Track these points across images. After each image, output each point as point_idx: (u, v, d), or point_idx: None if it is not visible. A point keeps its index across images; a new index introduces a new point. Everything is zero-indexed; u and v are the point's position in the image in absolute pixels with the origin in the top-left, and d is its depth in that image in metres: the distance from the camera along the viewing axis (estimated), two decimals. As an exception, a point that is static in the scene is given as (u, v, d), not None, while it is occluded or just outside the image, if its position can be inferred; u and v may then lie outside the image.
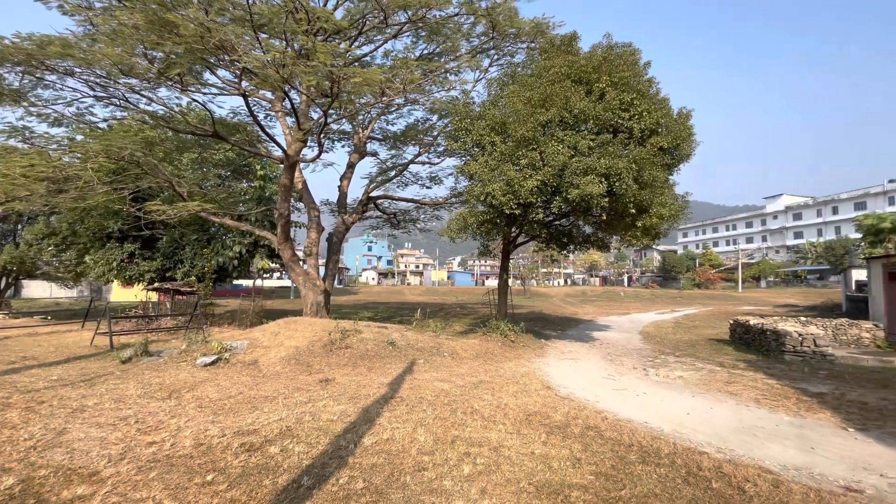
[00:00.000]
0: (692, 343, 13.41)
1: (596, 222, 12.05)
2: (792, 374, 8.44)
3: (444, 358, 9.41)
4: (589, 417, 5.48)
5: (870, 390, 7.20)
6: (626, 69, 10.00)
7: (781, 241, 70.18)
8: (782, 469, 4.01)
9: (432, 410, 5.46)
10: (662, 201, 9.87)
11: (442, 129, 15.27)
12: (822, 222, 64.60)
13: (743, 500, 3.34)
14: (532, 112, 9.90)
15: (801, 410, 6.01)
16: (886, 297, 13.18)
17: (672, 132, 10.13)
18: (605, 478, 3.68)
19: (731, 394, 6.94)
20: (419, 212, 19.15)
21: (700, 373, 8.64)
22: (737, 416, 5.80)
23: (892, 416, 5.69)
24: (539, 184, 9.50)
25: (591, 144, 9.56)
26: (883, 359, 10.11)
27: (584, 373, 8.65)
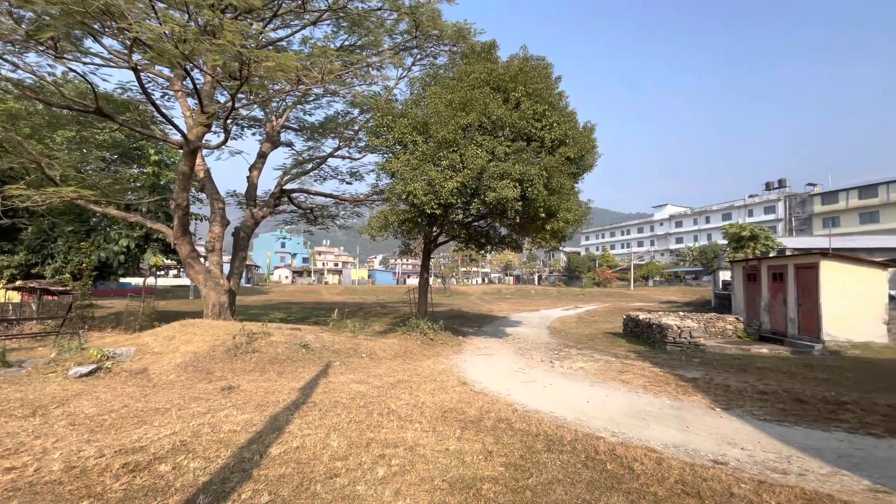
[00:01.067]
0: (592, 336, 14.66)
1: (511, 224, 12.65)
2: (672, 363, 9.61)
3: (361, 359, 9.21)
4: (501, 410, 5.72)
5: (732, 374, 8.46)
6: (539, 81, 10.62)
7: (666, 246, 79.64)
8: (664, 447, 4.55)
9: (347, 414, 5.30)
10: (568, 207, 10.65)
11: (363, 125, 14.93)
12: (698, 230, 74.51)
13: (632, 478, 3.72)
14: (453, 115, 10.08)
15: (679, 394, 6.87)
16: (745, 294, 15.60)
17: (578, 144, 10.97)
18: (515, 468, 3.86)
19: (624, 382, 7.71)
20: (338, 208, 18.53)
21: (598, 363, 9.47)
22: (628, 401, 6.45)
23: (750, 397, 6.73)
24: (459, 185, 9.70)
25: (508, 150, 10.00)
26: (742, 347, 11.94)
27: (497, 367, 9.02)
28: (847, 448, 4.59)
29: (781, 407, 6.15)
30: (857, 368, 8.95)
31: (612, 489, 3.49)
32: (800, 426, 5.35)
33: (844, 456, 4.35)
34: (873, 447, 4.63)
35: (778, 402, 6.36)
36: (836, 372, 8.58)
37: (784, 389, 7.07)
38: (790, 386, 7.37)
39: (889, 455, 4.39)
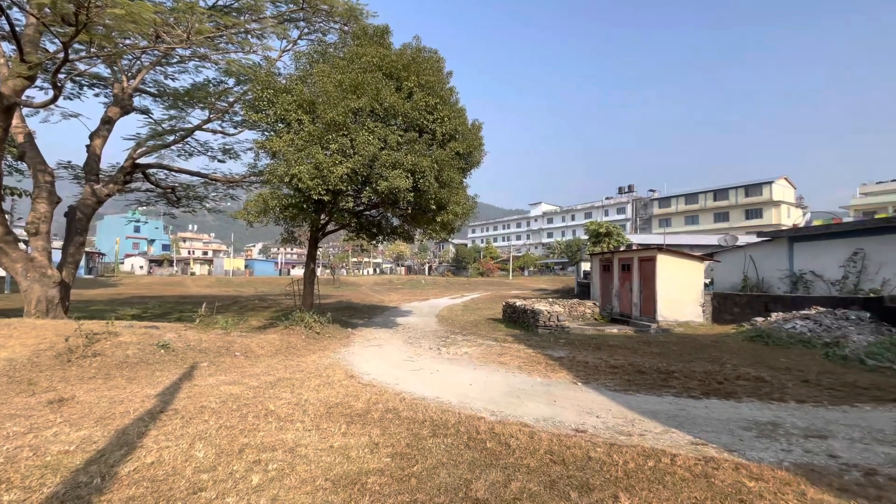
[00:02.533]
0: (476, 323, 15.52)
1: (402, 215, 12.63)
2: (543, 344, 10.65)
3: (235, 358, 8.37)
4: (389, 401, 5.71)
5: (590, 352, 9.67)
6: (432, 74, 10.71)
7: (539, 239, 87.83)
8: (536, 422, 5.00)
9: (217, 420, 4.77)
10: (458, 200, 11.01)
11: (240, 97, 13.44)
12: (566, 226, 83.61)
13: (508, 453, 4.01)
14: (343, 97, 9.64)
15: (549, 372, 7.64)
16: (601, 282, 17.97)
17: (467, 140, 11.37)
18: (401, 457, 3.88)
19: (503, 364, 8.31)
20: (208, 189, 16.47)
21: (481, 348, 10.05)
22: (506, 382, 6.96)
23: (604, 372, 7.76)
24: (350, 171, 9.34)
25: (400, 140, 9.92)
26: (598, 328, 13.74)
27: (387, 358, 8.99)
28: (675, 410, 5.58)
29: (627, 378, 7.23)
30: (681, 343, 10.97)
31: (491, 466, 3.72)
32: (640, 393, 6.36)
33: (673, 417, 5.29)
34: (693, 407, 5.71)
35: (625, 375, 7.47)
36: (666, 346, 10.39)
37: (629, 363, 8.33)
38: (634, 360, 8.71)
39: (705, 414, 5.45)
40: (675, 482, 3.40)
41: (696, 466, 3.68)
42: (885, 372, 7.71)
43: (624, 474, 3.55)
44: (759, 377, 7.27)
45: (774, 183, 55.86)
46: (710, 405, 5.79)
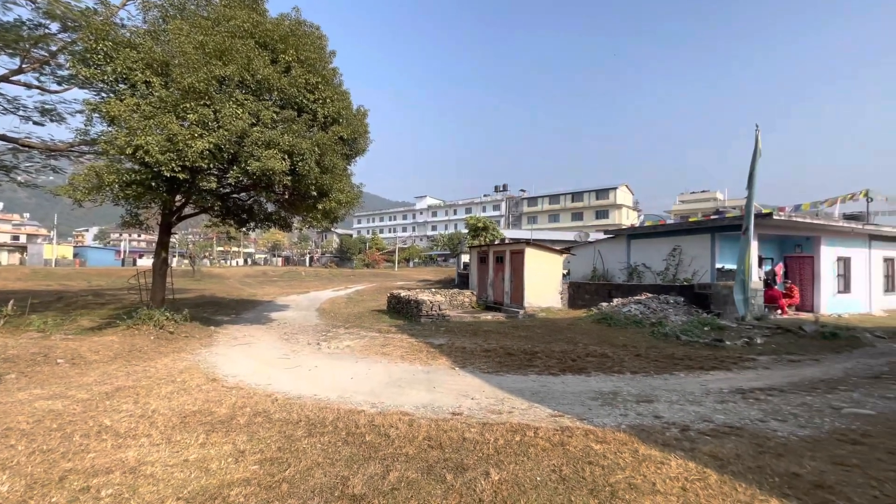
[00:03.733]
0: (360, 315, 15.21)
1: (279, 200, 11.69)
2: (425, 333, 10.91)
3: (57, 366, 6.85)
4: (258, 403, 5.25)
5: (468, 338, 10.20)
6: (313, 50, 10.03)
7: (424, 232, 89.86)
8: (415, 409, 5.08)
9: (28, 444, 3.84)
10: (341, 188, 10.58)
11: (66, 46, 10.88)
12: (449, 220, 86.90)
13: (388, 444, 4.00)
14: (207, 61, 8.47)
15: (429, 360, 7.84)
16: (478, 273, 19.09)
17: (352, 125, 10.96)
18: (271, 463, 3.59)
19: (385, 354, 8.28)
20: (19, 157, 13.08)
21: (363, 340, 9.88)
22: (388, 372, 6.95)
23: (479, 356, 8.25)
24: (212, 147, 8.27)
25: (276, 117, 9.10)
26: (475, 315, 14.58)
27: (258, 356, 8.26)
28: (537, 387, 6.19)
29: (499, 360, 7.80)
30: (544, 326, 12.24)
31: (369, 459, 3.66)
32: (510, 374, 6.91)
33: (536, 393, 5.85)
34: (553, 383, 6.40)
35: (497, 357, 8.05)
36: (531, 330, 11.49)
37: (500, 346, 9.01)
38: (504, 343, 9.44)
39: (562, 388, 6.14)
40: (538, 453, 3.76)
41: (555, 436, 4.13)
42: (695, 345, 9.64)
43: (495, 451, 3.81)
44: (604, 353, 8.48)
45: (618, 189, 65.76)
46: (566, 380, 6.56)
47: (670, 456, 3.68)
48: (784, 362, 8.01)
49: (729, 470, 3.43)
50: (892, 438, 4.15)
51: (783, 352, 8.91)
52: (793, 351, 8.99)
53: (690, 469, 3.43)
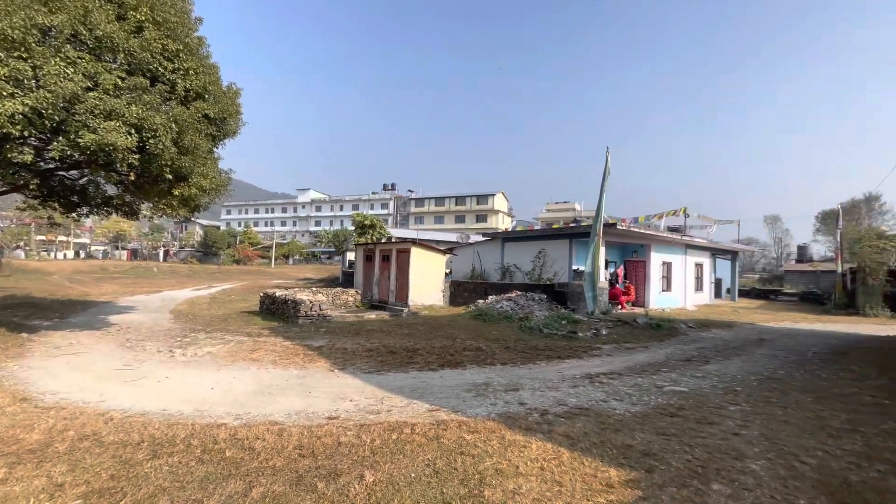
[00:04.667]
0: (225, 317, 13.71)
1: (122, 182, 9.89)
2: (303, 335, 10.31)
3: None
4: (86, 424, 4.36)
5: (350, 338, 9.92)
6: (173, 13, 8.68)
7: (307, 227, 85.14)
8: (287, 417, 4.74)
9: None
10: (204, 172, 9.37)
11: None
12: (334, 215, 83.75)
13: (252, 458, 3.65)
14: (26, 4, 6.78)
15: (306, 363, 7.42)
16: (364, 271, 18.73)
17: (220, 103, 9.80)
18: (100, 495, 3.00)
19: (254, 360, 7.59)
20: None
21: (229, 345, 8.92)
22: (257, 379, 6.38)
23: (360, 356, 8.06)
24: (28, 111, 6.64)
25: (120, 84, 7.67)
26: (359, 314, 14.25)
27: (89, 369, 6.87)
28: (417, 383, 6.29)
29: (381, 360, 7.74)
30: (426, 324, 12.53)
31: (229, 477, 3.30)
32: (391, 372, 6.90)
33: (416, 389, 5.94)
34: (431, 379, 6.56)
35: (379, 356, 7.98)
36: (414, 328, 11.67)
37: (383, 345, 8.96)
38: (387, 342, 9.41)
39: (440, 383, 6.33)
40: (414, 449, 3.81)
41: (431, 430, 4.23)
42: (554, 337, 10.79)
43: (371, 452, 3.75)
44: (479, 347, 9.01)
45: (496, 196, 70.80)
46: (444, 375, 6.80)
47: (532, 439, 4.05)
48: (622, 350, 9.45)
49: (578, 447, 3.91)
50: (700, 410, 5.16)
51: (622, 341, 10.51)
52: (629, 340, 10.66)
53: (548, 450, 3.82)
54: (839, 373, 7.33)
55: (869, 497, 3.06)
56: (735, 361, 8.39)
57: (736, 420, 4.77)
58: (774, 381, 6.77)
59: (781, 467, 3.55)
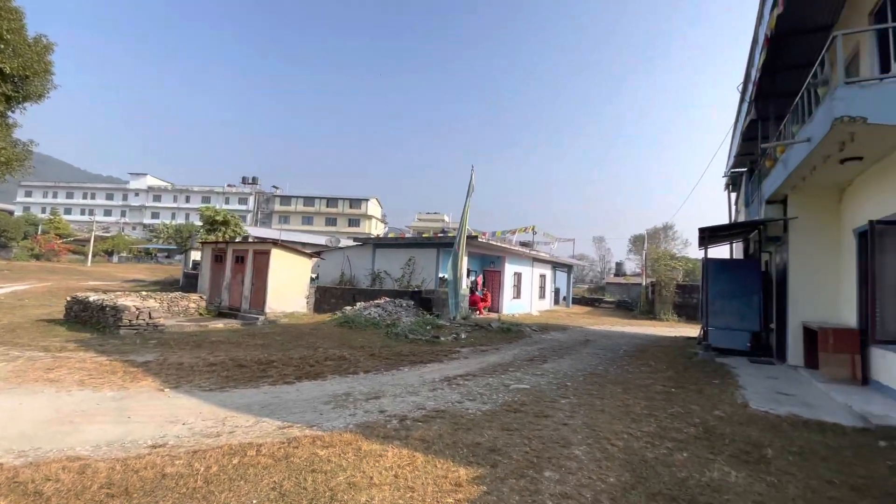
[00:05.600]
0: (14, 327, 10.73)
1: None
2: (124, 348, 8.64)
3: None
4: None
5: (188, 351, 8.65)
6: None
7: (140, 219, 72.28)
8: (94, 450, 3.89)
9: None
10: (-12, 141, 7.27)
11: None
12: (178, 207, 72.78)
13: (40, 503, 2.90)
14: None
15: (127, 382, 6.22)
16: (211, 274, 16.61)
17: (22, 57, 7.74)
18: None
19: (52, 381, 6.09)
20: None
21: (16, 363, 7.00)
22: (54, 405, 5.11)
23: (200, 371, 7.08)
24: None
25: None
26: (202, 323, 12.55)
27: None
28: (269, 399, 5.78)
29: (226, 375, 6.92)
30: (285, 332, 11.66)
31: (-4, 537, 2.55)
32: (238, 388, 6.22)
33: (267, 406, 5.45)
34: (287, 393, 6.10)
35: (224, 371, 7.12)
36: (270, 337, 10.76)
37: (230, 358, 8.04)
38: (236, 354, 8.48)
39: (296, 396, 5.92)
40: (258, 472, 3.47)
41: (280, 450, 3.91)
42: (419, 342, 11.06)
43: (204, 482, 3.29)
44: (342, 356, 8.73)
45: (370, 201, 70.25)
46: (302, 387, 6.40)
47: (388, 447, 4.06)
48: (478, 352, 10.17)
49: (433, 449, 4.04)
50: (538, 405, 5.80)
51: (478, 344, 11.32)
52: (484, 343, 11.54)
53: (403, 456, 3.86)
54: (641, 367, 9.05)
55: (659, 470, 3.80)
56: (567, 360, 9.72)
57: (565, 412, 5.51)
58: (595, 375, 8.03)
59: (598, 450, 4.20)
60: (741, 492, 3.41)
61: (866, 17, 7.25)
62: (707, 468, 3.84)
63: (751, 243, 13.48)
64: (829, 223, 8.62)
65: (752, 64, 10.08)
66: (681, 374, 8.22)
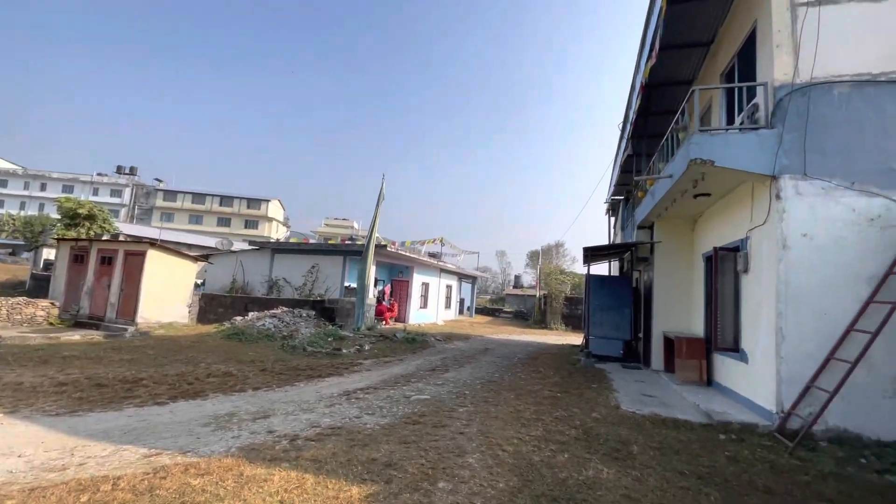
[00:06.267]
0: None
1: None
2: (-66, 368, 6.90)
3: None
4: None
5: (30, 369, 7.21)
6: None
7: (-29, 206, 58.85)
8: None
9: None
10: None
11: None
12: (29, 196, 60.95)
13: None
14: None
15: (-67, 411, 4.95)
16: (69, 276, 14.10)
17: None
18: None
19: None
20: None
21: None
22: None
23: (45, 392, 5.92)
24: None
25: None
26: (52, 335, 10.57)
27: None
28: (135, 422, 5.03)
29: (79, 396, 5.89)
30: (160, 345, 10.31)
31: None
32: (94, 412, 5.32)
33: (130, 431, 4.73)
34: (157, 415, 5.36)
35: (76, 392, 6.05)
36: (141, 351, 9.43)
37: (87, 376, 6.86)
38: (95, 371, 7.27)
39: (168, 419, 5.23)
40: (113, 511, 2.99)
41: (143, 482, 3.41)
42: (318, 355, 10.54)
43: (37, 529, 2.74)
44: (228, 372, 7.97)
45: (271, 202, 65.82)
46: (177, 408, 5.69)
47: (275, 470, 3.77)
48: (381, 364, 10.02)
49: (325, 469, 3.86)
50: (437, 415, 5.87)
51: (382, 355, 11.16)
52: (388, 354, 11.42)
53: (291, 479, 3.62)
54: (532, 374, 9.69)
55: (544, 472, 4.06)
56: (467, 368, 10.04)
57: (462, 420, 5.66)
58: (492, 383, 8.41)
59: (490, 457, 4.37)
60: (611, 486, 3.80)
61: (718, 76, 8.77)
62: (584, 467, 4.21)
63: (625, 262, 15.34)
64: (685, 248, 10.17)
65: (630, 107, 11.61)
66: (566, 380, 8.97)
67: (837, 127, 5.83)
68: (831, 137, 5.83)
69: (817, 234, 5.71)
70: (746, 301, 6.97)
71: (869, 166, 5.69)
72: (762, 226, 6.34)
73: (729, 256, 7.49)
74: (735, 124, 7.71)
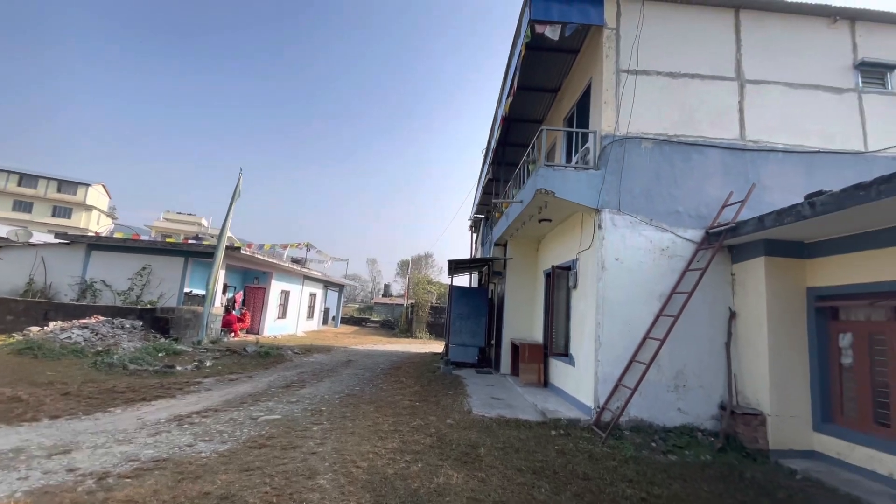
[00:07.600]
0: None
1: None
2: None
3: None
4: None
5: None
6: None
7: None
8: None
9: None
10: None
11: None
12: None
13: None
14: None
15: None
16: None
17: None
18: None
19: None
20: None
21: None
22: None
23: None
24: None
25: None
26: None
27: None
28: None
29: None
30: None
31: None
32: None
33: None
34: None
35: None
36: None
37: None
38: None
39: None
40: None
41: None
42: (143, 374, 8.93)
43: None
44: (16, 397, 6.25)
45: (91, 186, 54.03)
46: (-86, 457, 4.21)
47: (70, 522, 3.06)
48: (226, 382, 8.96)
49: (141, 513, 3.27)
50: (288, 436, 5.46)
51: (227, 372, 10.00)
52: (235, 370, 10.28)
53: (93, 530, 2.98)
54: (393, 384, 9.76)
55: (397, 485, 4.09)
56: (326, 382, 9.62)
57: (316, 439, 5.39)
58: (352, 396, 8.21)
59: (343, 476, 4.24)
60: (459, 491, 4.03)
61: (562, 119, 10.20)
62: (436, 475, 4.39)
63: (483, 275, 16.65)
64: (531, 265, 11.50)
65: (492, 136, 12.77)
66: (425, 388, 9.26)
67: (643, 174, 7.31)
68: (638, 182, 7.27)
69: (626, 258, 7.03)
70: (575, 312, 8.18)
71: (662, 208, 7.25)
72: (588, 249, 7.55)
73: (563, 274, 8.71)
74: (572, 162, 9.07)
